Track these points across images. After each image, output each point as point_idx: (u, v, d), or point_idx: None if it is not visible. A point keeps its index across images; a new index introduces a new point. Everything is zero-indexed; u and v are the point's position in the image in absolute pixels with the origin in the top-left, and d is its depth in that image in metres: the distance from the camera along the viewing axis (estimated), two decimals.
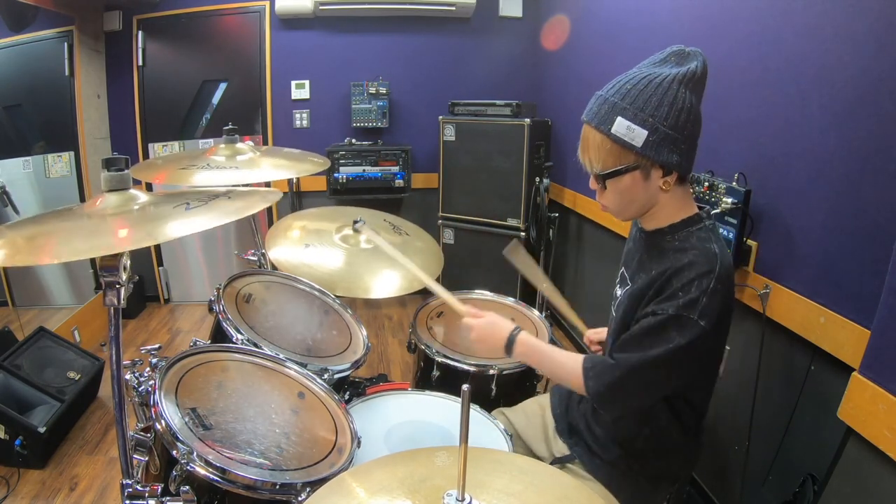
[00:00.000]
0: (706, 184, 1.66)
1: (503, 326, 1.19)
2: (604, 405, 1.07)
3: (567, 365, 1.11)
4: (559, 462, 1.27)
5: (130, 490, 0.92)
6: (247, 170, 1.63)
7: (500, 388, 1.53)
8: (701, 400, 1.15)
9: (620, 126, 0.96)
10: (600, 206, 1.10)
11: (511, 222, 3.15)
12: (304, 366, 1.31)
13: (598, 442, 1.21)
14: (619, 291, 1.17)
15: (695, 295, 0.95)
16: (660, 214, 1.08)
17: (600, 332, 1.42)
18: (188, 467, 0.92)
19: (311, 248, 1.71)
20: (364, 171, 3.42)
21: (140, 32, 3.37)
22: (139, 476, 1.00)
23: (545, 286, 1.48)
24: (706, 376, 1.12)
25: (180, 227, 0.91)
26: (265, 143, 3.55)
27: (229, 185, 1.71)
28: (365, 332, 1.64)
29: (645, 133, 0.95)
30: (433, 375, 1.56)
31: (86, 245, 0.85)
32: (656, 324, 0.98)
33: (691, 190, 1.65)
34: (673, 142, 0.96)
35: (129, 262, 0.90)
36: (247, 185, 1.78)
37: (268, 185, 3.60)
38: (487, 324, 1.20)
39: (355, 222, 1.63)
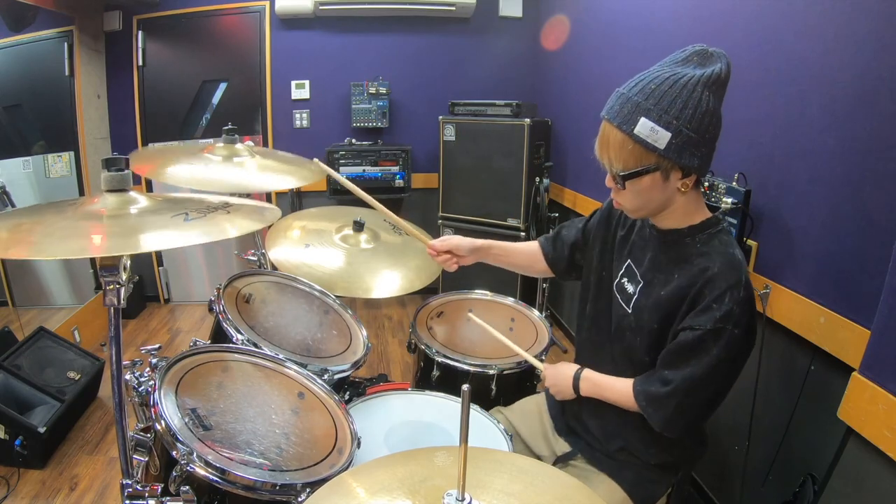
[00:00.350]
0: (706, 184, 1.66)
1: (568, 369, 1.25)
2: (672, 433, 1.09)
3: (624, 396, 1.13)
4: (562, 460, 1.27)
5: (130, 490, 0.92)
6: (240, 171, 1.63)
7: (499, 388, 1.53)
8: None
9: (644, 127, 0.94)
10: (615, 203, 1.10)
11: (511, 222, 3.15)
12: (304, 366, 1.31)
13: (597, 438, 1.23)
14: (629, 287, 1.16)
15: (729, 307, 0.97)
16: (675, 214, 1.08)
17: (446, 241, 1.41)
18: (188, 468, 0.92)
19: (311, 249, 1.71)
20: (364, 171, 3.42)
21: (140, 32, 3.37)
22: (139, 476, 0.99)
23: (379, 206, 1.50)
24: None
25: (164, 239, 0.90)
26: (265, 143, 3.56)
27: (224, 184, 1.72)
28: (365, 333, 1.64)
29: (668, 135, 0.94)
30: (433, 375, 1.56)
31: (61, 247, 0.84)
32: (695, 339, 1.00)
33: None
34: (695, 145, 0.95)
35: (129, 262, 0.90)
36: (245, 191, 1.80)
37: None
38: (555, 369, 1.28)
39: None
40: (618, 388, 1.15)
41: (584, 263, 1.31)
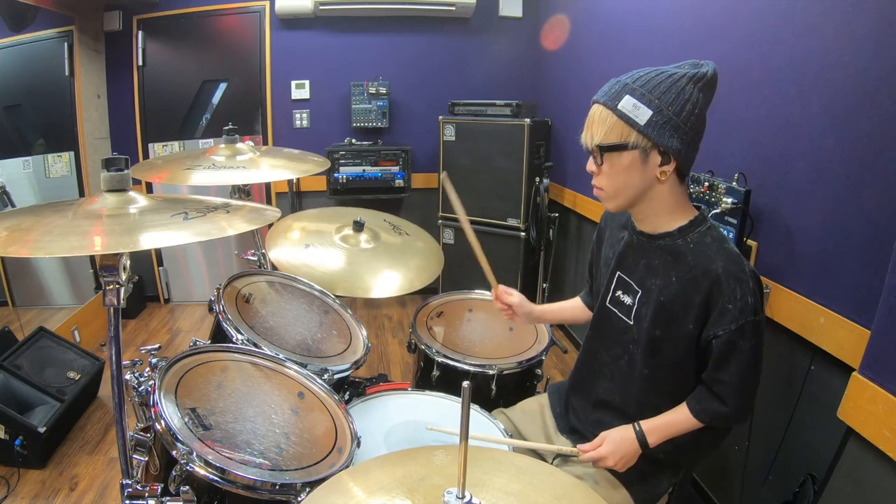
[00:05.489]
0: (706, 184, 1.65)
1: (624, 433, 1.14)
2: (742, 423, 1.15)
3: (690, 425, 1.12)
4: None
5: (130, 490, 0.93)
6: (246, 170, 1.63)
7: (499, 388, 1.53)
8: None
9: (627, 103, 0.99)
10: (594, 190, 1.11)
11: (511, 222, 3.15)
12: (303, 366, 1.31)
13: None
14: (626, 298, 1.16)
15: (742, 301, 1.01)
16: (660, 213, 1.09)
17: (512, 294, 1.42)
18: (188, 467, 0.92)
19: (311, 249, 1.71)
20: (364, 171, 3.42)
21: (140, 32, 3.37)
22: (139, 476, 1.00)
23: (465, 222, 1.46)
24: None
25: (164, 238, 0.91)
26: (265, 143, 3.56)
27: (230, 184, 1.72)
28: (365, 333, 1.64)
29: (650, 112, 0.98)
30: (433, 375, 1.56)
31: (60, 245, 0.84)
32: (725, 344, 1.03)
33: (691, 190, 1.66)
34: (675, 128, 0.99)
35: (128, 262, 0.90)
36: (247, 185, 1.81)
37: (268, 185, 3.62)
38: (616, 446, 1.13)
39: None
40: (681, 421, 1.12)
41: None
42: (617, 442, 1.13)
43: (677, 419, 1.13)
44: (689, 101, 0.99)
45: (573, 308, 1.49)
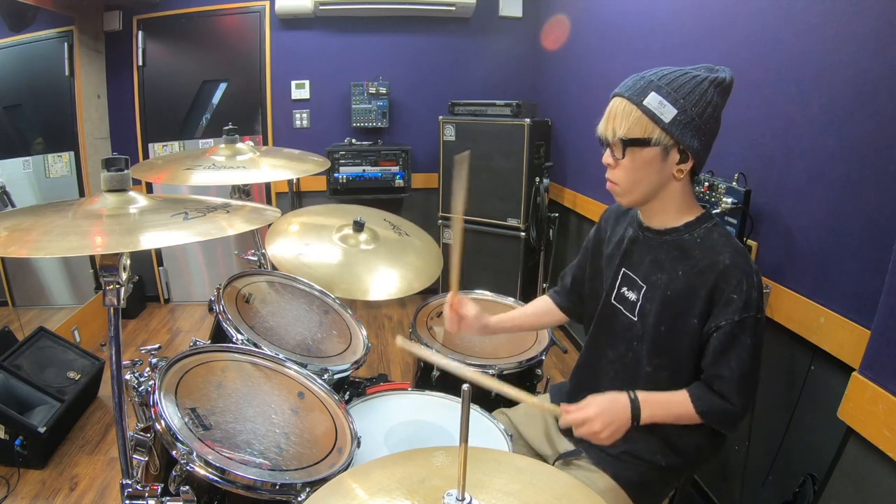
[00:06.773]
0: (706, 184, 1.65)
1: (618, 400, 1.07)
2: (736, 430, 1.14)
3: (685, 411, 1.08)
4: (565, 457, 1.27)
5: (130, 490, 0.93)
6: (246, 170, 1.64)
7: None
8: None
9: (653, 100, 1.00)
10: (608, 184, 1.11)
11: (511, 222, 3.15)
12: (303, 366, 1.31)
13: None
14: (631, 295, 1.16)
15: (747, 294, 1.02)
16: (668, 210, 1.10)
17: (465, 305, 1.32)
18: (188, 467, 0.92)
19: (310, 247, 1.71)
20: (364, 171, 3.42)
21: (140, 32, 3.37)
22: (139, 476, 1.00)
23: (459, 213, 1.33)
24: None
25: (164, 238, 0.91)
26: (265, 143, 3.56)
27: (230, 184, 1.72)
28: (365, 333, 1.64)
29: (675, 111, 0.99)
30: (433, 375, 1.56)
31: (60, 245, 0.84)
32: (727, 336, 1.03)
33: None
34: (696, 128, 1.01)
35: (128, 262, 0.90)
36: (247, 185, 1.81)
37: (268, 185, 3.62)
38: (603, 409, 1.06)
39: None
40: (678, 403, 1.08)
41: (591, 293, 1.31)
42: (605, 405, 1.06)
43: (675, 399, 1.09)
44: (710, 104, 1.01)
45: (536, 314, 1.43)
